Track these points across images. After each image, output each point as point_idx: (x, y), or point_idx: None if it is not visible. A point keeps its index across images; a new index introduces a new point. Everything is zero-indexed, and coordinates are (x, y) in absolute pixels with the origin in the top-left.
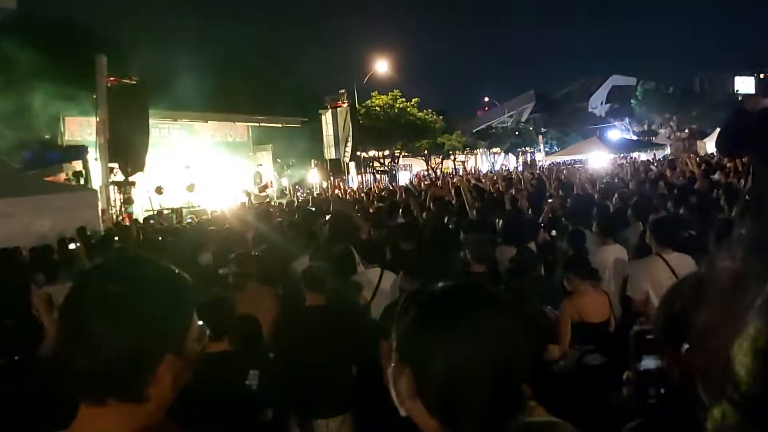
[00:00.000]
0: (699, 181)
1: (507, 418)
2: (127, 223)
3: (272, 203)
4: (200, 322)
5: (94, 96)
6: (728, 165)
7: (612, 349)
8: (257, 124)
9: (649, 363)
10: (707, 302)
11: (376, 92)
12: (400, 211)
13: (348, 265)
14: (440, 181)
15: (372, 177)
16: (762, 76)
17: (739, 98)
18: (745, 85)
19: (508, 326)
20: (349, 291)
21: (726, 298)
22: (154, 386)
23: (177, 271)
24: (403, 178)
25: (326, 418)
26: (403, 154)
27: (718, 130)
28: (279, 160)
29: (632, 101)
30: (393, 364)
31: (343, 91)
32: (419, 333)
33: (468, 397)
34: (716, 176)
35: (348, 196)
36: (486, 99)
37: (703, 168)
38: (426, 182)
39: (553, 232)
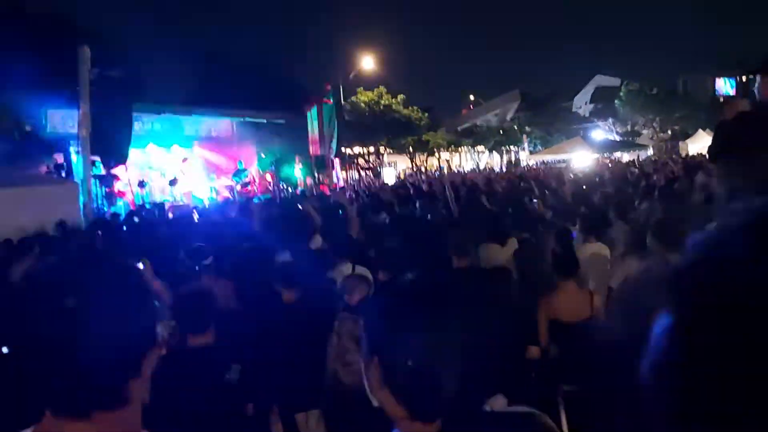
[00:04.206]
0: (680, 182)
1: (473, 408)
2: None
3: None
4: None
5: (77, 88)
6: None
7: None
8: (241, 119)
9: None
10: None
11: (362, 88)
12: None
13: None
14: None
15: (356, 173)
16: (744, 78)
17: (721, 99)
18: (726, 86)
19: (468, 319)
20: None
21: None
22: (138, 385)
23: (130, 264)
24: (388, 175)
25: (303, 411)
26: (387, 151)
27: (699, 131)
28: (263, 156)
29: (616, 102)
30: (363, 355)
31: (328, 87)
32: (384, 325)
33: (432, 387)
34: (699, 177)
35: None
36: (471, 97)
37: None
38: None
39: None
